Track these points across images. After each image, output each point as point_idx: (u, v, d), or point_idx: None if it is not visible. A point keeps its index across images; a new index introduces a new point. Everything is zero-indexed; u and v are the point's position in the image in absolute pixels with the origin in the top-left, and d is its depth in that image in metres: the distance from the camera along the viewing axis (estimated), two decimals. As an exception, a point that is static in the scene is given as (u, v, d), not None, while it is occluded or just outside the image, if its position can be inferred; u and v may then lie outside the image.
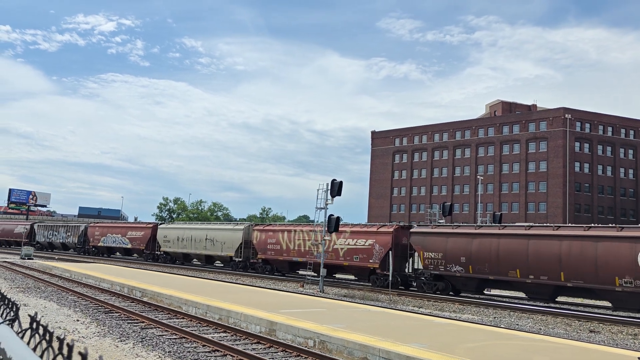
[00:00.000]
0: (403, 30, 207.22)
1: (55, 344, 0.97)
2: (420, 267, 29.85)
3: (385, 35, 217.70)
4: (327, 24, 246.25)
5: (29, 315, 1.26)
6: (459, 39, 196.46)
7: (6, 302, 1.58)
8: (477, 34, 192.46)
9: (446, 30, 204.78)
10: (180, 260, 46.95)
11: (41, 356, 0.95)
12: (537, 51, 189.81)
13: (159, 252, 48.20)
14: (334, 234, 31.12)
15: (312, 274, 33.92)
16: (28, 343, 1.10)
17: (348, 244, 32.69)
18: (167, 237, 47.25)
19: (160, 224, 50.76)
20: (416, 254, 30.30)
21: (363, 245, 31.89)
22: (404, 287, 30.90)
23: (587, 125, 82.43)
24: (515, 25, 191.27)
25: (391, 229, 31.37)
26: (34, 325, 1.13)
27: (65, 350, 0.87)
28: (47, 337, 1.01)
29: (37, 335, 1.09)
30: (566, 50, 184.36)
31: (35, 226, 67.53)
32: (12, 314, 1.47)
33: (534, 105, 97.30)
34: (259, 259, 38.89)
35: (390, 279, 27.31)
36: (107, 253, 55.91)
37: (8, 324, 1.28)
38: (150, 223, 53.24)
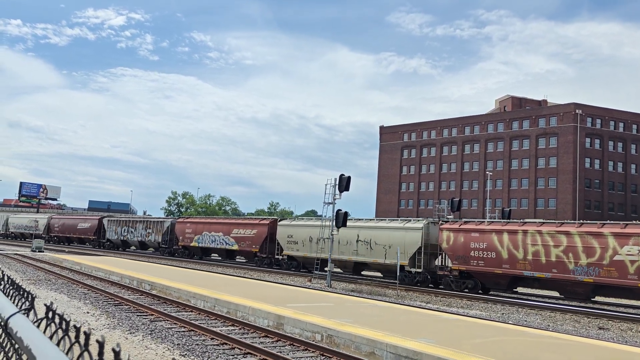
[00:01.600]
0: (413, 24, 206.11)
1: (72, 333, 0.99)
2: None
3: (394, 29, 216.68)
4: (336, 18, 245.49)
5: (45, 305, 1.29)
6: (469, 34, 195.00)
7: (21, 292, 1.61)
8: (488, 28, 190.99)
9: (456, 24, 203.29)
10: (309, 268, 35.91)
11: (58, 344, 0.97)
12: (548, 46, 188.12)
13: (280, 257, 37.91)
14: None
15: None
16: (44, 332, 1.12)
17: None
18: (293, 236, 36.59)
19: (281, 219, 40.50)
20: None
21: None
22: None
23: (598, 120, 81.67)
24: (527, 19, 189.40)
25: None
26: (50, 315, 1.15)
27: (82, 339, 0.89)
28: (64, 326, 1.03)
29: (52, 325, 1.11)
30: (578, 44, 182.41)
31: (105, 221, 58.14)
32: (27, 303, 1.50)
33: (545, 101, 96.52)
34: (454, 269, 27.98)
35: (398, 275, 27.29)
36: (201, 255, 46.38)
37: (24, 313, 1.30)
38: (265, 218, 42.02)
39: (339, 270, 35.12)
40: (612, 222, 25.72)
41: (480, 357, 9.99)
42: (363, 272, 35.12)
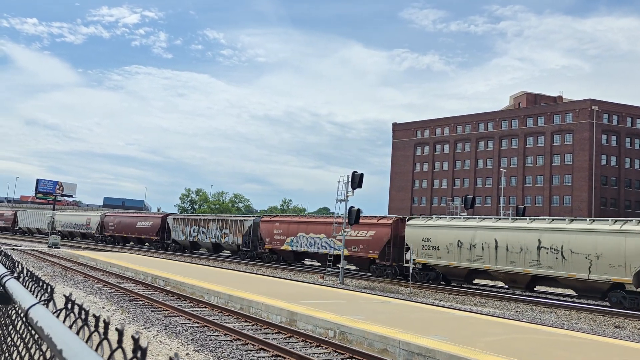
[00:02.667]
0: (426, 20, 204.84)
1: (91, 324, 1.02)
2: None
3: (407, 25, 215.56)
4: (349, 14, 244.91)
5: (64, 295, 1.31)
6: (484, 29, 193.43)
7: (40, 284, 1.65)
8: (502, 23, 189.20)
9: (470, 20, 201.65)
10: (460, 281, 29.42)
11: (77, 333, 1.00)
12: (564, 41, 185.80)
13: (411, 265, 27.26)
14: None
15: None
16: (63, 322, 1.15)
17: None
18: (432, 240, 29.17)
19: (411, 218, 33.35)
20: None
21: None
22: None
23: (615, 117, 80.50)
24: (542, 14, 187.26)
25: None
26: (69, 305, 1.18)
27: (101, 328, 0.91)
28: (83, 316, 1.05)
29: (72, 315, 1.14)
30: (595, 40, 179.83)
31: (170, 220, 50.98)
32: (46, 295, 1.53)
33: (560, 97, 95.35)
34: None
35: (412, 270, 27.19)
36: (293, 260, 39.19)
37: (43, 304, 1.34)
38: (386, 217, 34.74)
39: (503, 284, 29.02)
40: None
41: (494, 354, 9.94)
42: (537, 288, 27.65)
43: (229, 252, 46.91)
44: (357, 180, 28.67)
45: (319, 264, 37.38)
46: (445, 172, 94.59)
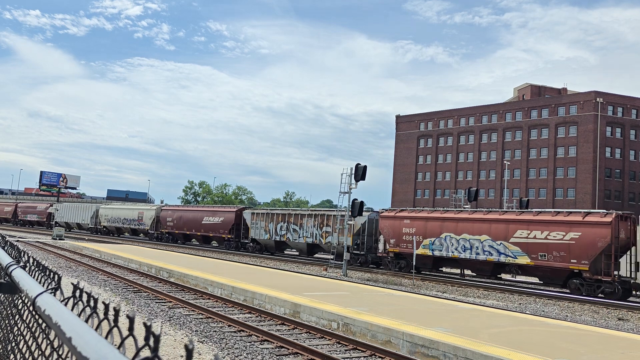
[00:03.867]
0: (430, 12, 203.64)
1: (100, 312, 1.00)
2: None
3: (412, 17, 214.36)
4: (354, 5, 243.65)
5: (72, 284, 1.30)
6: (488, 21, 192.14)
7: (47, 273, 1.64)
8: (507, 15, 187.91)
9: (475, 11, 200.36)
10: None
11: (86, 321, 0.98)
12: (569, 33, 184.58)
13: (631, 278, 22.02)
14: None
15: None
16: (72, 310, 1.14)
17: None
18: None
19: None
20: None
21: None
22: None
23: (620, 109, 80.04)
24: (547, 5, 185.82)
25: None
26: (77, 293, 1.17)
27: (111, 315, 0.90)
28: (92, 304, 1.04)
29: (80, 303, 1.13)
30: (601, 31, 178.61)
31: (247, 215, 42.71)
32: (53, 283, 1.52)
33: (564, 89, 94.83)
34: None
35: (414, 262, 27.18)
36: (433, 269, 30.97)
37: (51, 293, 1.32)
38: (596, 213, 24.46)
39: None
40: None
41: (498, 346, 9.94)
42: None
43: (328, 254, 35.92)
44: (360, 173, 28.63)
45: (474, 274, 29.49)
46: (449, 164, 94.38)
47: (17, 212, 76.16)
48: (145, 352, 0.75)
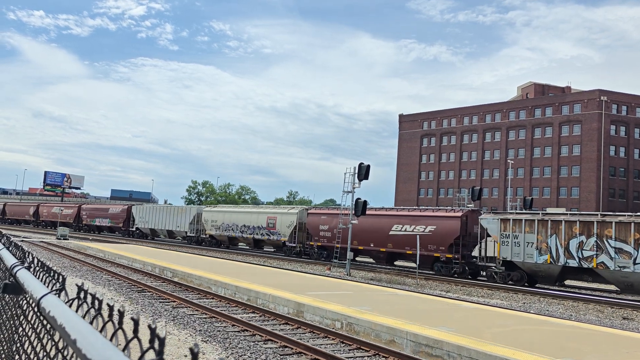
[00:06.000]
0: (434, 10, 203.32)
1: (105, 313, 1.00)
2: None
3: (415, 16, 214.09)
4: (357, 4, 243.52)
5: (76, 285, 1.30)
6: (492, 19, 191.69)
7: (51, 274, 1.64)
8: (511, 13, 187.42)
9: (479, 10, 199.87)
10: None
11: (91, 323, 0.98)
12: (574, 31, 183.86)
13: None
14: None
15: None
16: (76, 312, 1.14)
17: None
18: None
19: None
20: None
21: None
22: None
23: (624, 107, 79.71)
24: (552, 4, 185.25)
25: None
26: (82, 295, 1.17)
27: (115, 317, 0.89)
28: (97, 306, 1.04)
29: (85, 304, 1.13)
30: (605, 29, 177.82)
31: (487, 222, 27.70)
32: (57, 285, 1.52)
33: (568, 87, 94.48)
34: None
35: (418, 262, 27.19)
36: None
37: (55, 294, 1.32)
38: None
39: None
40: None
41: (502, 345, 9.92)
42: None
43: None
44: (363, 172, 28.60)
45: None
46: (452, 163, 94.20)
47: (81, 216, 64.33)
48: (150, 355, 0.74)
